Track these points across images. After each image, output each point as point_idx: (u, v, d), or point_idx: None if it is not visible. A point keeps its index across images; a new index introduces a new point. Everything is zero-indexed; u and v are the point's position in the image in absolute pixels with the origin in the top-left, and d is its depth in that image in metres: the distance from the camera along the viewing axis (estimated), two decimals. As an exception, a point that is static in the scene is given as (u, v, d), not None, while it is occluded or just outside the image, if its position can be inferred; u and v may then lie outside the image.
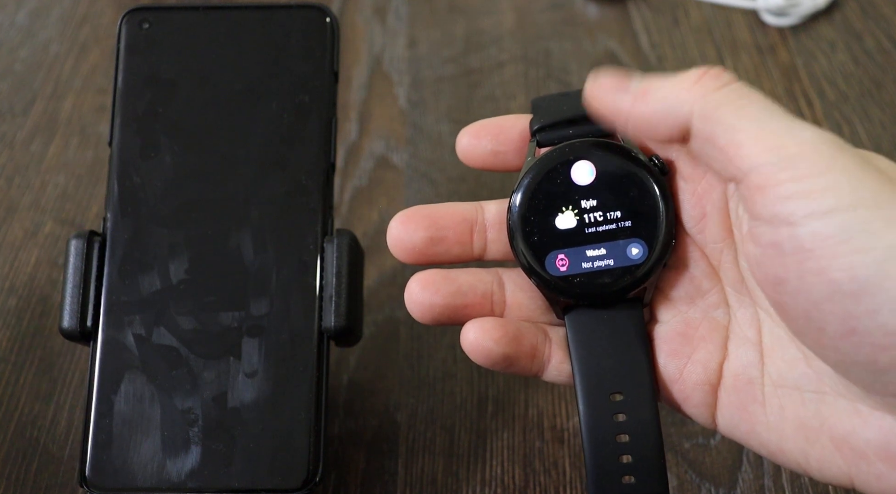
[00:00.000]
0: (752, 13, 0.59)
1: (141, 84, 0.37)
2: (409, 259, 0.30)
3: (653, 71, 0.55)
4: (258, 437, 0.33)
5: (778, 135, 0.24)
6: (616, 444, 0.29)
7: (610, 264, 0.29)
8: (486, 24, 0.60)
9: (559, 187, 0.29)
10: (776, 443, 0.28)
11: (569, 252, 0.29)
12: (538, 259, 0.29)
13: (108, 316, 0.35)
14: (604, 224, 0.29)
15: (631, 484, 0.29)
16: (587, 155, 0.29)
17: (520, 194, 0.29)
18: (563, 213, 0.29)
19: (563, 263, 0.29)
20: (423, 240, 0.30)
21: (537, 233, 0.29)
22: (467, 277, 0.30)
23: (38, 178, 0.51)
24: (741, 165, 0.25)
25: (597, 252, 0.29)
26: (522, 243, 0.29)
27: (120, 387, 0.34)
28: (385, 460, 0.39)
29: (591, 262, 0.29)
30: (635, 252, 0.29)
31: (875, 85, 0.54)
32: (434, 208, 0.31)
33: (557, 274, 0.29)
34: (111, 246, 0.36)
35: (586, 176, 0.29)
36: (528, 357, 0.30)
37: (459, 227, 0.30)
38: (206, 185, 0.36)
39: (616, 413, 0.29)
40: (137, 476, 0.33)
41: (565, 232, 0.29)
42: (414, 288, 0.30)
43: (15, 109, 0.55)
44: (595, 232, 0.29)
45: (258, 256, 0.35)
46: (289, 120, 0.37)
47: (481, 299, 0.30)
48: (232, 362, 0.34)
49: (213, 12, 0.38)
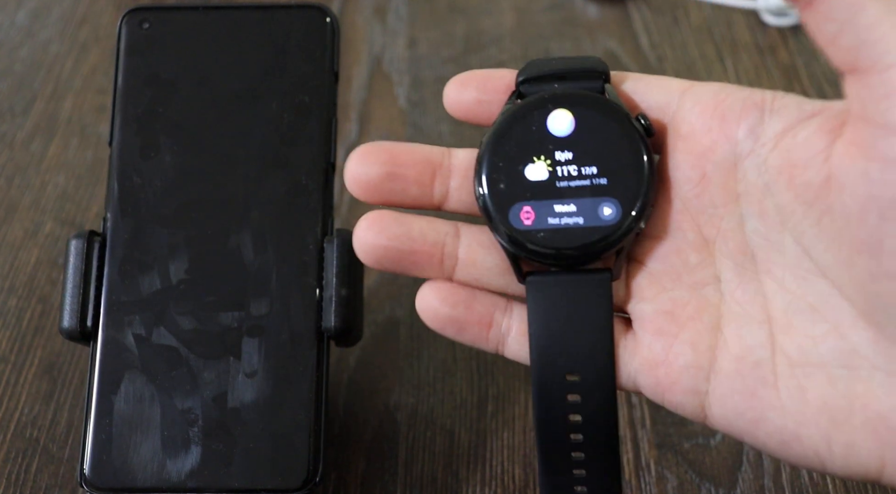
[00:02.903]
0: (752, 13, 0.59)
1: (141, 84, 0.37)
2: (364, 195, 0.29)
3: (653, 71, 0.55)
4: (258, 437, 0.33)
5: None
6: (567, 424, 0.27)
7: (579, 222, 0.26)
8: (487, 24, 0.60)
9: (534, 135, 0.27)
10: (792, 429, 0.26)
11: (536, 204, 0.26)
12: (502, 208, 0.27)
13: (108, 316, 0.35)
14: (577, 179, 0.26)
15: (581, 477, 0.28)
16: (568, 104, 0.27)
17: (491, 137, 0.27)
18: (535, 163, 0.27)
19: (528, 216, 0.26)
20: (378, 175, 0.28)
21: (504, 180, 0.27)
22: (420, 223, 0.28)
23: (38, 178, 0.51)
24: (884, 56, 0.22)
25: (566, 208, 0.26)
26: (487, 189, 0.27)
27: (120, 387, 0.34)
28: (385, 460, 0.39)
29: (559, 218, 0.26)
30: (608, 212, 0.26)
31: (875, 85, 0.54)
32: (398, 145, 0.29)
33: (520, 227, 0.26)
34: (111, 246, 0.36)
35: (564, 126, 0.27)
36: (482, 325, 0.28)
37: (420, 167, 0.28)
38: (206, 185, 0.36)
39: (569, 393, 0.27)
40: (137, 475, 0.33)
41: (535, 183, 0.27)
42: (361, 226, 0.28)
43: (15, 109, 0.55)
44: (567, 186, 0.26)
45: (258, 256, 0.35)
46: (289, 120, 0.37)
47: (430, 248, 0.28)
48: (232, 362, 0.34)
49: (213, 12, 0.39)
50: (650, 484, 0.37)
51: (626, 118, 0.27)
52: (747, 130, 0.26)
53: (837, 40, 0.23)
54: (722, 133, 0.26)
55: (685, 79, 0.28)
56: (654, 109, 0.28)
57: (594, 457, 0.28)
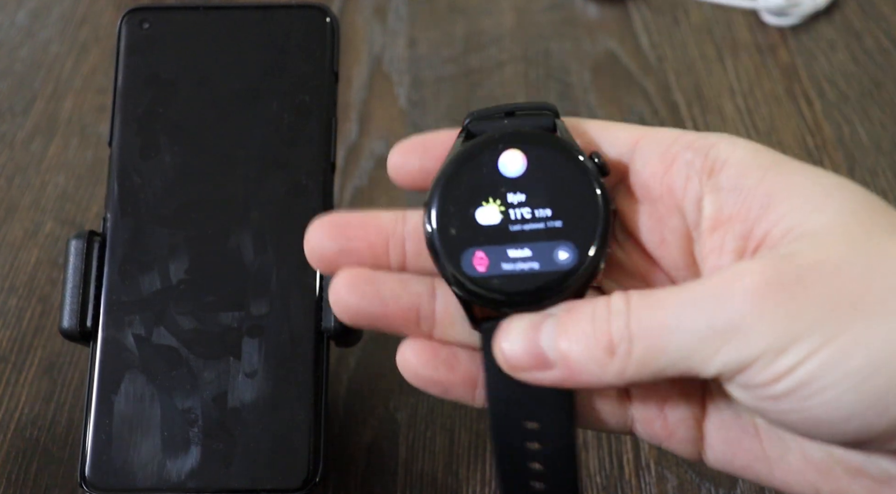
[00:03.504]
0: (752, 13, 0.59)
1: (141, 84, 0.37)
2: (322, 268, 0.28)
3: (653, 71, 0.56)
4: (258, 437, 0.33)
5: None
6: (529, 472, 0.27)
7: (534, 268, 0.25)
8: (486, 24, 0.60)
9: (484, 177, 0.26)
10: (780, 478, 0.26)
11: (489, 250, 0.25)
12: (453, 255, 0.25)
13: (108, 316, 0.35)
14: (531, 222, 0.25)
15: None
16: (518, 144, 0.26)
17: (439, 179, 0.26)
18: (486, 206, 0.25)
19: (481, 262, 0.25)
20: (332, 251, 0.27)
21: (455, 225, 0.25)
22: (392, 284, 0.28)
23: (38, 178, 0.51)
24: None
25: (520, 253, 0.25)
26: (437, 235, 0.25)
27: (120, 387, 0.34)
28: (385, 460, 0.39)
29: (514, 264, 0.25)
30: (564, 256, 0.25)
31: (875, 85, 0.54)
32: (350, 217, 0.28)
33: (473, 274, 0.25)
34: (111, 246, 0.36)
35: (516, 167, 0.26)
36: (466, 385, 0.28)
37: (372, 239, 0.27)
38: (206, 185, 0.36)
39: (527, 441, 0.26)
40: (137, 476, 0.33)
41: (487, 227, 0.25)
42: (336, 283, 0.27)
43: (15, 109, 0.55)
44: (521, 230, 0.25)
45: (258, 256, 0.35)
46: (289, 120, 0.37)
47: (404, 311, 0.28)
48: (232, 362, 0.34)
49: (213, 12, 0.39)
50: (650, 484, 0.37)
51: (579, 157, 0.26)
52: (693, 203, 0.26)
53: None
54: (673, 202, 0.26)
55: (638, 125, 0.28)
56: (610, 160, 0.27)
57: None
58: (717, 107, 0.53)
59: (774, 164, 0.25)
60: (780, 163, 0.25)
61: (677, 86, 0.55)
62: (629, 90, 0.55)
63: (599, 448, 0.39)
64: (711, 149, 0.25)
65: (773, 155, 0.25)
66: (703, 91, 0.54)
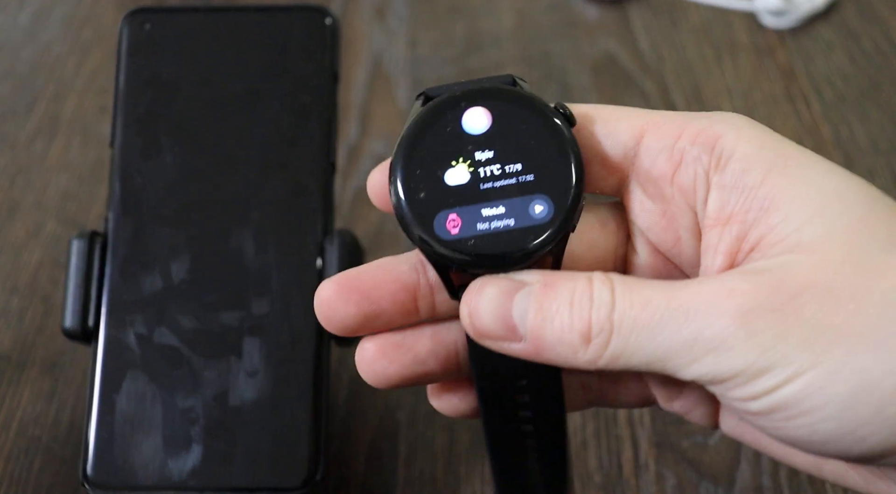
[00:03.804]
0: (750, 15, 0.59)
1: (142, 85, 0.38)
2: (345, 334, 0.26)
3: (652, 72, 0.56)
4: (259, 436, 0.34)
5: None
6: (520, 434, 0.27)
7: (510, 225, 0.24)
8: (486, 25, 0.60)
9: (449, 136, 0.25)
10: (785, 455, 0.27)
11: (461, 211, 0.24)
12: (425, 219, 0.24)
13: (109, 316, 0.35)
14: (502, 178, 0.24)
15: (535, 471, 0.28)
16: (481, 100, 0.25)
17: (403, 142, 0.25)
18: (454, 167, 0.24)
19: (454, 224, 0.24)
20: (356, 319, 0.26)
21: (424, 189, 0.24)
22: (426, 342, 0.27)
23: (41, 178, 0.51)
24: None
25: (494, 210, 0.24)
26: (405, 201, 0.24)
27: (121, 386, 0.34)
28: (385, 459, 0.39)
29: (488, 223, 0.24)
30: (539, 209, 0.24)
31: (873, 86, 0.54)
32: (363, 276, 0.26)
33: (447, 237, 0.24)
34: (113, 246, 0.36)
35: (480, 124, 0.25)
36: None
37: (399, 296, 0.26)
38: (207, 186, 0.36)
39: (518, 410, 0.26)
40: (139, 474, 0.33)
41: (457, 188, 0.24)
42: (365, 356, 0.26)
43: (17, 110, 0.55)
44: (492, 187, 0.24)
45: (259, 256, 0.36)
46: (289, 120, 0.37)
47: (443, 364, 0.27)
48: (233, 361, 0.34)
49: (214, 14, 0.39)
50: (649, 483, 0.38)
51: (544, 108, 0.25)
52: (703, 202, 0.25)
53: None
54: (685, 202, 0.26)
55: (638, 110, 0.27)
56: (610, 157, 0.26)
57: (545, 465, 0.28)
58: (716, 108, 0.53)
59: (779, 161, 0.24)
60: (787, 159, 0.24)
61: (676, 87, 0.55)
62: (628, 91, 0.55)
63: (598, 446, 0.39)
64: (717, 142, 0.24)
65: (779, 147, 0.24)
66: (701, 92, 0.55)
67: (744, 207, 0.24)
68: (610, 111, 0.27)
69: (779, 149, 0.24)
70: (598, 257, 0.27)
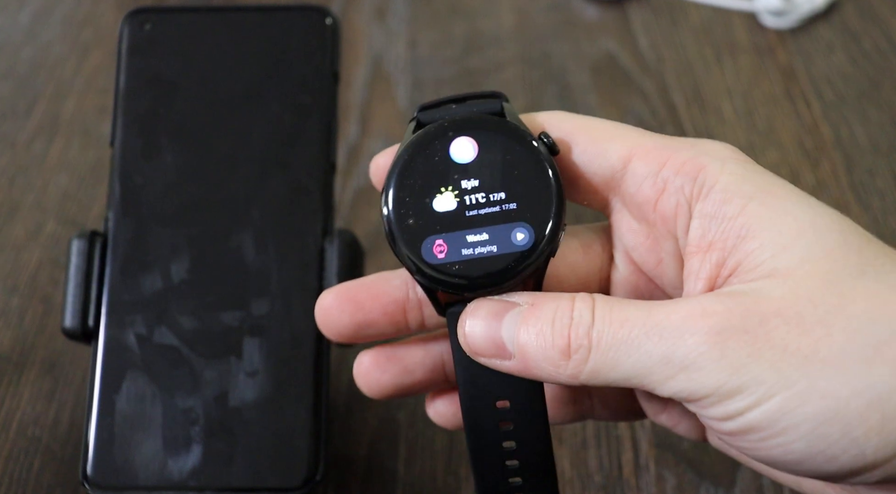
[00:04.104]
0: (750, 15, 0.59)
1: (142, 85, 0.38)
2: (341, 340, 0.30)
3: (652, 72, 0.56)
4: (259, 436, 0.34)
5: None
6: (502, 452, 0.28)
7: (493, 251, 0.26)
8: (486, 25, 0.60)
9: (437, 165, 0.26)
10: (767, 470, 0.28)
11: (447, 237, 0.26)
12: (413, 244, 0.26)
13: (109, 316, 0.35)
14: (486, 206, 0.26)
15: (519, 486, 0.28)
16: (468, 130, 0.26)
17: (394, 172, 0.26)
18: (442, 194, 0.26)
19: (440, 250, 0.26)
20: (349, 328, 0.29)
21: (413, 215, 0.26)
22: (415, 353, 0.30)
23: (41, 178, 0.51)
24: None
25: (478, 237, 0.26)
26: (396, 226, 0.26)
27: (122, 386, 0.34)
28: (385, 460, 0.39)
29: (473, 249, 0.26)
30: (521, 237, 0.26)
31: (873, 86, 0.54)
32: (362, 287, 0.29)
33: (434, 261, 0.26)
34: (113, 246, 0.36)
35: (467, 153, 0.26)
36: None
37: (389, 309, 0.29)
38: (207, 186, 0.36)
39: (501, 421, 0.27)
40: (139, 474, 0.33)
41: (444, 215, 0.26)
42: (361, 367, 0.30)
43: (17, 110, 0.55)
44: (477, 215, 0.26)
45: (259, 256, 0.36)
46: (290, 120, 0.37)
47: (431, 374, 0.30)
48: (233, 361, 0.34)
49: (214, 14, 0.39)
50: (649, 484, 0.38)
51: (527, 139, 0.26)
52: (683, 230, 0.26)
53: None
54: (666, 228, 0.27)
55: (628, 129, 0.27)
56: (599, 176, 0.28)
57: (532, 484, 0.29)
58: (716, 108, 0.54)
59: (758, 193, 0.25)
60: (766, 192, 0.25)
61: (676, 87, 0.55)
62: (628, 91, 0.55)
63: (598, 447, 0.39)
64: (700, 173, 0.26)
65: (760, 180, 0.25)
66: (701, 92, 0.55)
67: (723, 235, 0.25)
68: (602, 130, 0.27)
69: (758, 182, 0.25)
70: (581, 278, 0.29)
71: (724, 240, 0.25)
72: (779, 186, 0.25)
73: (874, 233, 0.46)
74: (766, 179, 0.25)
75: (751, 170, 0.25)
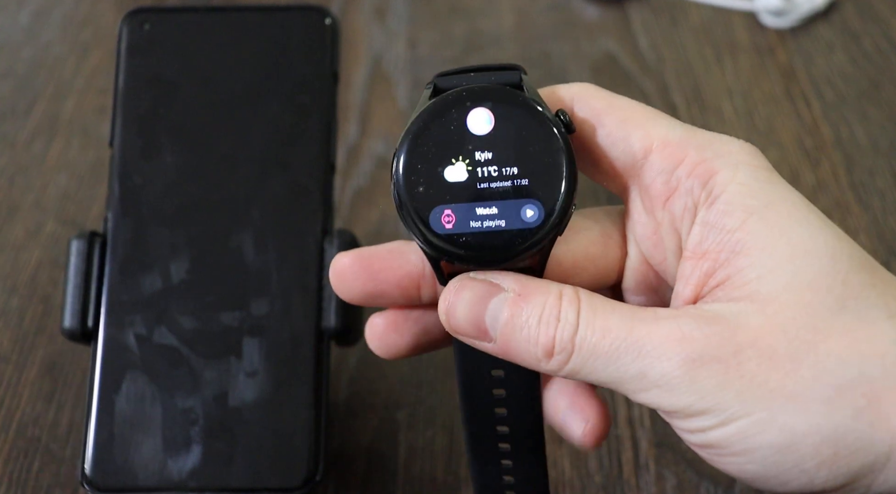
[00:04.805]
0: (750, 15, 0.59)
1: (142, 85, 0.38)
2: (351, 303, 0.30)
3: (651, 72, 0.56)
4: (259, 436, 0.34)
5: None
6: (493, 417, 0.28)
7: (501, 225, 0.25)
8: (486, 25, 0.60)
9: (453, 134, 0.26)
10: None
11: (457, 208, 0.25)
12: (422, 212, 0.25)
13: (109, 316, 0.35)
14: (498, 180, 0.25)
15: (509, 467, 0.29)
16: (486, 101, 0.26)
17: (407, 138, 0.26)
18: (454, 164, 0.26)
19: (448, 220, 0.25)
20: (360, 295, 0.29)
21: (423, 183, 0.26)
22: (432, 314, 0.30)
23: (40, 179, 0.51)
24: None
25: (488, 210, 0.25)
26: (406, 193, 0.25)
27: (121, 387, 0.34)
28: (385, 460, 0.39)
29: (481, 222, 0.25)
30: (530, 214, 0.25)
31: (873, 85, 0.54)
32: (377, 257, 0.29)
33: (442, 231, 0.25)
34: (112, 246, 0.36)
35: (484, 125, 0.26)
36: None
37: (404, 282, 0.29)
38: (206, 186, 0.36)
39: (494, 388, 0.28)
40: (139, 475, 0.33)
41: (455, 185, 0.25)
42: (378, 327, 0.30)
43: (17, 110, 0.55)
44: (488, 188, 0.25)
45: (259, 256, 0.35)
46: (289, 121, 0.37)
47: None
48: (233, 361, 0.34)
49: (213, 14, 0.39)
50: (649, 483, 0.38)
51: (545, 116, 0.26)
52: (687, 233, 0.27)
53: None
54: (673, 227, 0.27)
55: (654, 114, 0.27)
56: (620, 161, 0.28)
57: (520, 449, 0.29)
58: (716, 108, 0.54)
59: (761, 208, 0.25)
60: (768, 207, 0.25)
61: (676, 86, 0.55)
62: (628, 91, 0.55)
63: (598, 447, 0.39)
64: (712, 178, 0.26)
65: (767, 193, 0.25)
66: (701, 92, 0.55)
67: (718, 247, 0.25)
68: (630, 113, 0.27)
69: (764, 195, 0.25)
70: (600, 270, 0.29)
71: (718, 251, 0.25)
72: (783, 201, 0.25)
73: (874, 233, 0.46)
74: (773, 192, 0.25)
75: (761, 180, 0.26)
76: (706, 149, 0.26)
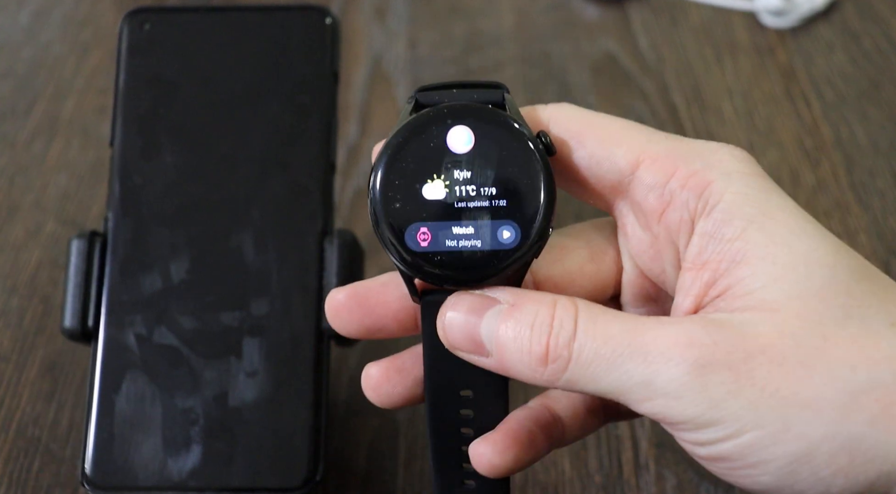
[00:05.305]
0: (750, 15, 0.59)
1: (142, 85, 0.38)
2: (350, 337, 0.29)
3: (652, 72, 0.56)
4: (259, 436, 0.34)
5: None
6: (459, 437, 0.28)
7: (476, 246, 0.25)
8: (486, 25, 0.60)
9: (432, 152, 0.25)
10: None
11: (433, 226, 0.25)
12: (397, 229, 0.25)
13: (109, 316, 0.35)
14: (476, 199, 0.25)
15: (471, 488, 0.29)
16: (467, 119, 0.25)
17: (386, 153, 0.25)
18: (433, 182, 0.25)
19: (424, 238, 0.25)
20: (358, 330, 0.29)
21: (400, 199, 0.25)
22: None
23: (40, 179, 0.51)
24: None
25: (464, 230, 0.25)
26: (382, 210, 0.25)
27: (121, 387, 0.34)
28: (385, 460, 0.39)
29: (457, 241, 0.25)
30: (507, 235, 0.25)
31: (873, 85, 0.54)
32: (372, 291, 0.28)
33: (416, 249, 0.25)
34: (112, 246, 0.36)
35: (464, 143, 0.25)
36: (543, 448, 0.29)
37: (400, 316, 0.28)
38: (207, 186, 0.36)
39: (462, 409, 0.28)
40: (139, 474, 0.33)
41: (432, 203, 0.25)
42: (373, 379, 0.29)
43: (17, 110, 0.55)
44: (465, 207, 0.25)
45: (259, 256, 0.36)
46: (289, 120, 0.37)
47: None
48: (233, 361, 0.34)
49: (213, 14, 0.39)
50: (649, 483, 0.38)
51: (526, 137, 0.26)
52: (685, 246, 0.26)
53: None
54: (669, 240, 0.27)
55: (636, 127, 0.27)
56: (606, 180, 0.27)
57: (484, 480, 0.29)
58: (716, 108, 0.54)
59: (759, 216, 0.25)
60: (766, 215, 0.25)
61: (676, 86, 0.55)
62: (628, 91, 0.55)
63: (598, 447, 0.39)
64: (706, 189, 0.25)
65: (763, 201, 0.25)
66: (701, 92, 0.55)
67: (718, 256, 0.25)
68: (610, 130, 0.27)
69: (761, 203, 0.25)
70: (597, 286, 0.29)
71: (718, 261, 0.25)
72: (780, 209, 0.25)
73: (874, 233, 0.46)
74: (769, 200, 0.25)
75: (756, 188, 0.25)
76: (695, 159, 0.26)
